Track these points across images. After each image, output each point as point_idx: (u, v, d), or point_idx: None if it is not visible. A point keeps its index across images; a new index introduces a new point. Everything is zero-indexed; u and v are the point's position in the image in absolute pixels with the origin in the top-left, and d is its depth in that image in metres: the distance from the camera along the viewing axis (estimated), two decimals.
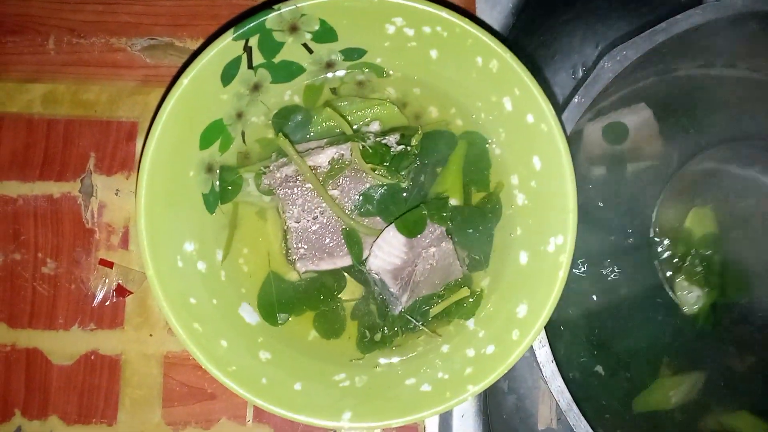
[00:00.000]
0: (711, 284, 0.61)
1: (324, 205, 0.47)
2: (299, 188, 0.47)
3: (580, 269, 0.61)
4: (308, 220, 0.47)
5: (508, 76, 0.45)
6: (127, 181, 0.55)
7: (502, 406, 0.61)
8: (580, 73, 0.66)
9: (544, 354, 0.50)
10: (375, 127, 0.48)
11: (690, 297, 0.61)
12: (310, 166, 0.47)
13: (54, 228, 0.55)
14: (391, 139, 0.47)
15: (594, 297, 0.61)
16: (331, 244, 0.47)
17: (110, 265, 0.55)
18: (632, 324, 0.61)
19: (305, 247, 0.47)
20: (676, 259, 0.62)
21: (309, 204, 0.47)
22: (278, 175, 0.47)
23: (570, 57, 0.66)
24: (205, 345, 0.45)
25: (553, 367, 0.50)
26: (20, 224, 0.55)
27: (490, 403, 0.58)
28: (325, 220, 0.48)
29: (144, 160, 0.43)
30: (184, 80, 0.44)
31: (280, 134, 0.47)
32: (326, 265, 0.48)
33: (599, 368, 0.60)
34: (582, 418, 0.50)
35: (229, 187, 0.49)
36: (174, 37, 0.57)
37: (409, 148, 0.47)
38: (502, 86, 0.46)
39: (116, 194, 0.55)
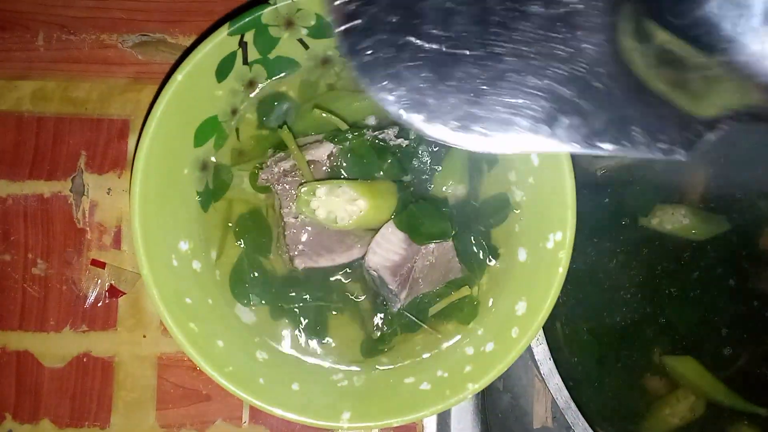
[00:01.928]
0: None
1: None
2: (297, 183, 0.46)
3: None
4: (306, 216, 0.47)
5: None
6: (119, 180, 0.55)
7: (497, 405, 0.61)
8: None
9: (541, 351, 0.49)
10: (371, 121, 0.48)
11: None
12: (308, 161, 0.46)
13: (44, 228, 0.54)
14: (390, 133, 0.46)
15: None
16: (330, 240, 0.47)
17: (102, 265, 0.54)
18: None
19: (303, 242, 0.47)
20: None
21: None
22: (276, 170, 0.46)
23: None
24: (202, 345, 0.44)
25: (551, 364, 0.50)
26: (10, 224, 0.54)
27: (486, 401, 0.58)
28: None
29: (138, 158, 0.43)
30: (179, 76, 0.43)
31: (285, 126, 0.46)
32: (325, 262, 0.47)
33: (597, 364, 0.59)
34: (580, 415, 0.49)
35: (224, 185, 0.48)
36: (166, 33, 0.56)
37: (407, 141, 0.46)
38: None
39: (108, 193, 0.54)
